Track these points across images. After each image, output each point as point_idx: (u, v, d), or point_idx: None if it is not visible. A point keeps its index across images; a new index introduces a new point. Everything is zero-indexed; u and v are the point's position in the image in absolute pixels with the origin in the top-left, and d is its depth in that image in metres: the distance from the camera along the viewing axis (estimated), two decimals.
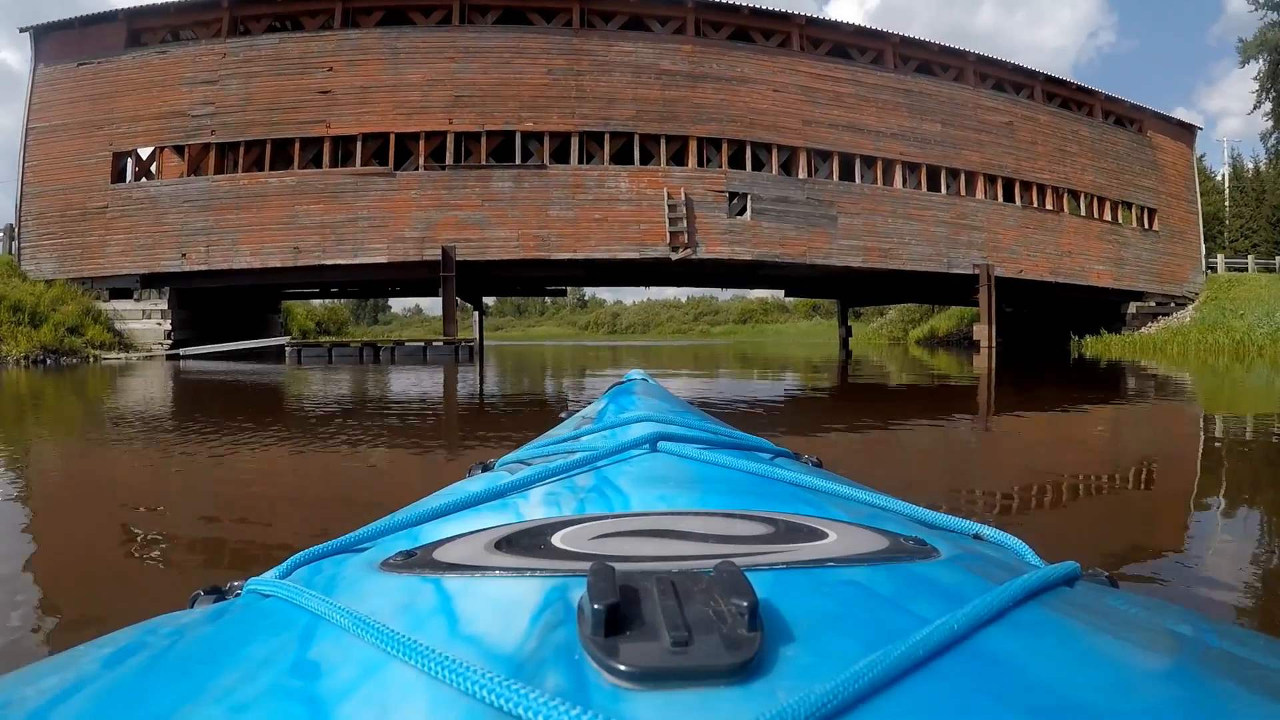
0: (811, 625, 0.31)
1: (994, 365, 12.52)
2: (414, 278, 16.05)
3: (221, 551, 1.83)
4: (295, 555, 0.48)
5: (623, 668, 0.27)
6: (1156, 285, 22.54)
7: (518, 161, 15.64)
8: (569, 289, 26.86)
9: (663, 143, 16.13)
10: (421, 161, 15.66)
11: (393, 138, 15.74)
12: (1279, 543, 2.00)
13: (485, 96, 15.72)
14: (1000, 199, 19.26)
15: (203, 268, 15.69)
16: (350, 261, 15.53)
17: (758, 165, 16.77)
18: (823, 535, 0.42)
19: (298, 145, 15.94)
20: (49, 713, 0.32)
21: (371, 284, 20.12)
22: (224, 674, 0.32)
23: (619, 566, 0.33)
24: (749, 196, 16.27)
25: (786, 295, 29.43)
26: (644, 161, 16.08)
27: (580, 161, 15.82)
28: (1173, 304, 23.06)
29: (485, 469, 0.77)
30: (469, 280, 16.58)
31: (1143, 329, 22.13)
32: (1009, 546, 0.49)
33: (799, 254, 16.60)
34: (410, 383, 8.52)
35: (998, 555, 0.46)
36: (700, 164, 16.20)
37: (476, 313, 18.21)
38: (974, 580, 0.38)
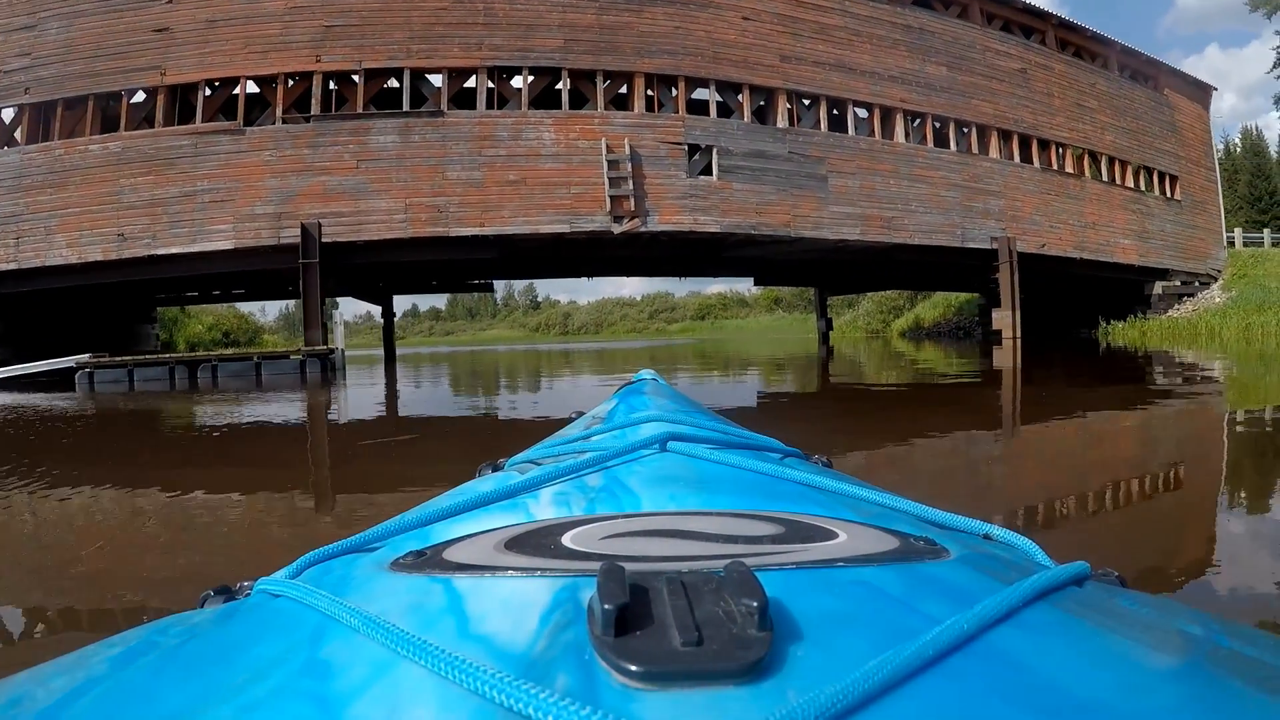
0: (821, 625, 0.31)
1: (1019, 363, 10.01)
2: (270, 267, 12.19)
3: None
4: (305, 555, 0.48)
5: (633, 668, 0.27)
6: (1181, 262, 20.02)
7: (406, 108, 12.08)
8: (512, 284, 23.03)
9: (600, 81, 12.75)
10: (279, 113, 11.99)
11: (244, 84, 12.34)
12: None
13: (364, 26, 12.18)
14: (1017, 159, 16.18)
15: (12, 266, 12.33)
16: (187, 250, 11.94)
17: (725, 111, 13.50)
18: (833, 535, 0.42)
19: (125, 102, 12.55)
20: (59, 712, 0.33)
21: (261, 279, 15.84)
22: (234, 674, 0.33)
23: (629, 566, 0.34)
24: (715, 150, 12.89)
25: (756, 284, 25.73)
26: (575, 106, 12.76)
27: (489, 106, 12.37)
28: (1196, 283, 20.60)
29: (495, 469, 0.78)
30: (354, 272, 12.82)
31: (1170, 311, 19.53)
32: (1019, 547, 0.49)
33: (782, 223, 13.14)
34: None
35: (1008, 555, 0.46)
36: (649, 108, 12.93)
37: (338, 318, 13.57)
38: (984, 580, 0.38)
